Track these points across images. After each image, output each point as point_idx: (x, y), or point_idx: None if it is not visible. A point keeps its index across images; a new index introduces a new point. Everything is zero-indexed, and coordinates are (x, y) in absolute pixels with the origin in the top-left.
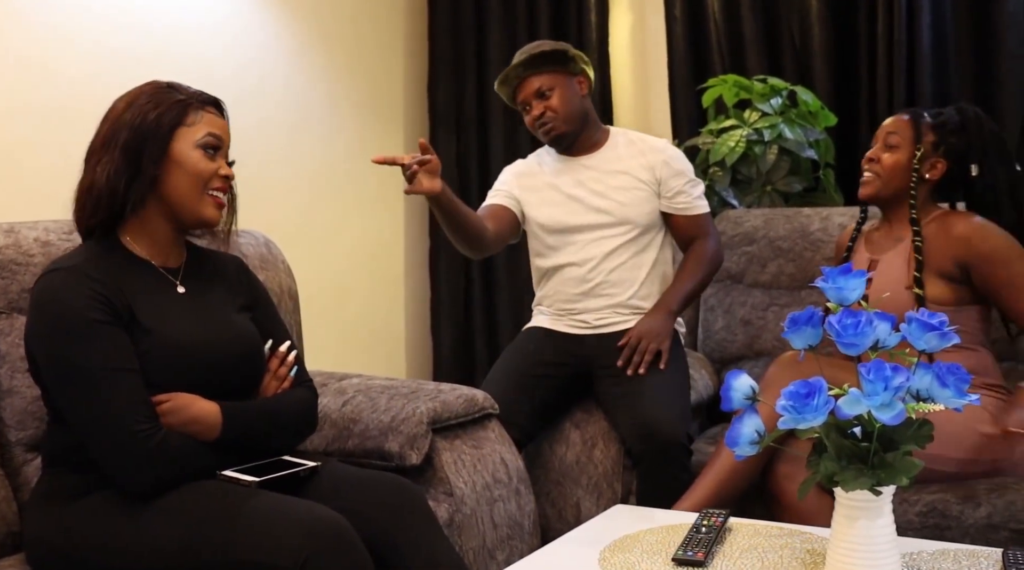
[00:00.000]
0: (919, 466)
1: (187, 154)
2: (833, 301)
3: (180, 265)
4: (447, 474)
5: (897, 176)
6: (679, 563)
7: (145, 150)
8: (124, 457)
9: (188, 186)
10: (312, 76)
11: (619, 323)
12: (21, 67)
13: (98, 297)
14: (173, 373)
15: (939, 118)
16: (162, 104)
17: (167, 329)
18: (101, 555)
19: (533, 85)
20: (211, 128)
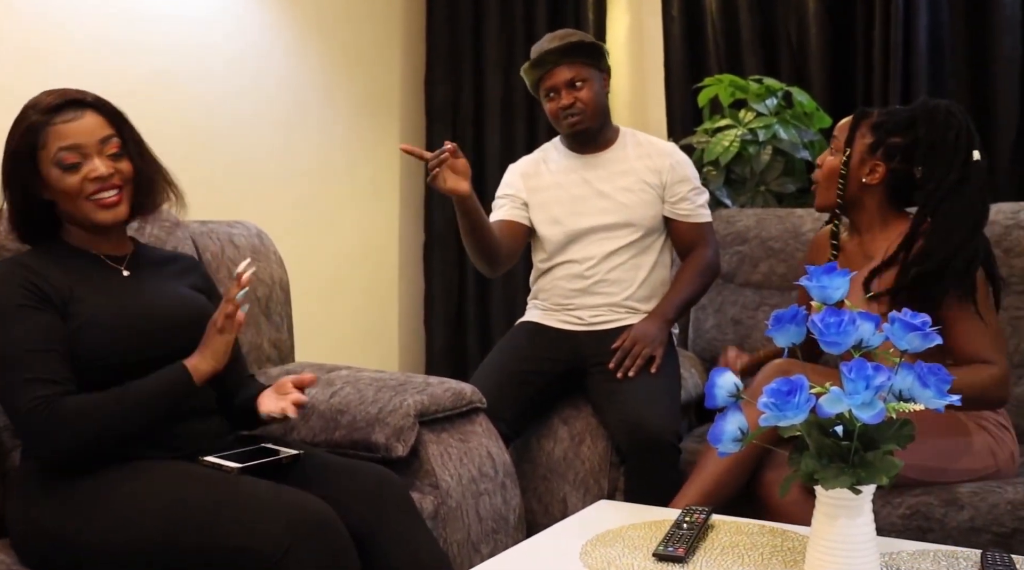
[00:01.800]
0: (899, 465)
1: (51, 175)
2: (817, 300)
3: (125, 254)
4: (433, 467)
5: (833, 181)
6: (660, 558)
7: (25, 181)
8: (27, 431)
9: (68, 202)
10: (309, 70)
11: (613, 321)
12: (17, 59)
13: (26, 285)
14: (119, 342)
15: (884, 117)
16: (16, 135)
17: (109, 305)
18: (82, 540)
19: (566, 74)
20: (60, 141)
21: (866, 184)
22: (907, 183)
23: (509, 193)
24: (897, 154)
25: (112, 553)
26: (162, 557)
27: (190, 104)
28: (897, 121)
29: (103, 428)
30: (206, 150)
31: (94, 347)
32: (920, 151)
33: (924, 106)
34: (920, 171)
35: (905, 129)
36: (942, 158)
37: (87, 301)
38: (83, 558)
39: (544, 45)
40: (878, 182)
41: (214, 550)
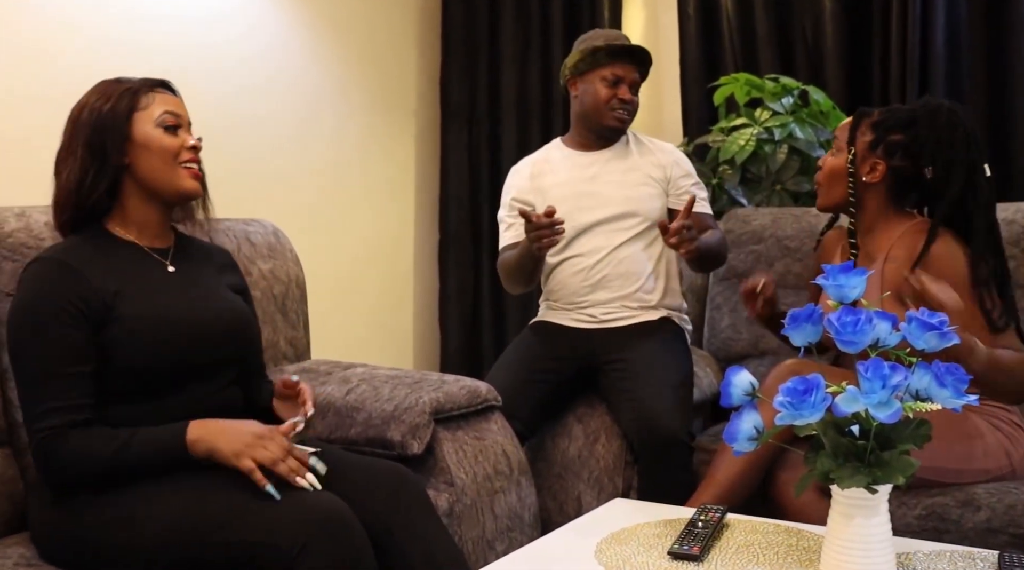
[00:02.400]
0: (916, 465)
1: (148, 135)
2: (833, 299)
3: (169, 246)
4: (448, 464)
5: (835, 182)
6: (675, 557)
7: (108, 141)
8: (32, 454)
9: (159, 164)
10: (324, 67)
11: (626, 318)
12: (33, 57)
13: (65, 291)
14: (163, 349)
15: (883, 115)
16: (113, 96)
17: (156, 307)
18: (102, 536)
19: (634, 75)
20: (166, 106)
21: (867, 182)
22: (910, 181)
23: (516, 197)
24: (897, 151)
25: (131, 549)
26: (180, 553)
27: (206, 102)
28: (897, 119)
29: (100, 474)
30: (222, 148)
31: (135, 354)
32: (927, 150)
33: (926, 105)
34: (931, 171)
35: (905, 126)
36: (950, 156)
37: (132, 304)
38: (102, 554)
39: (621, 40)
40: (879, 180)
41: (232, 546)
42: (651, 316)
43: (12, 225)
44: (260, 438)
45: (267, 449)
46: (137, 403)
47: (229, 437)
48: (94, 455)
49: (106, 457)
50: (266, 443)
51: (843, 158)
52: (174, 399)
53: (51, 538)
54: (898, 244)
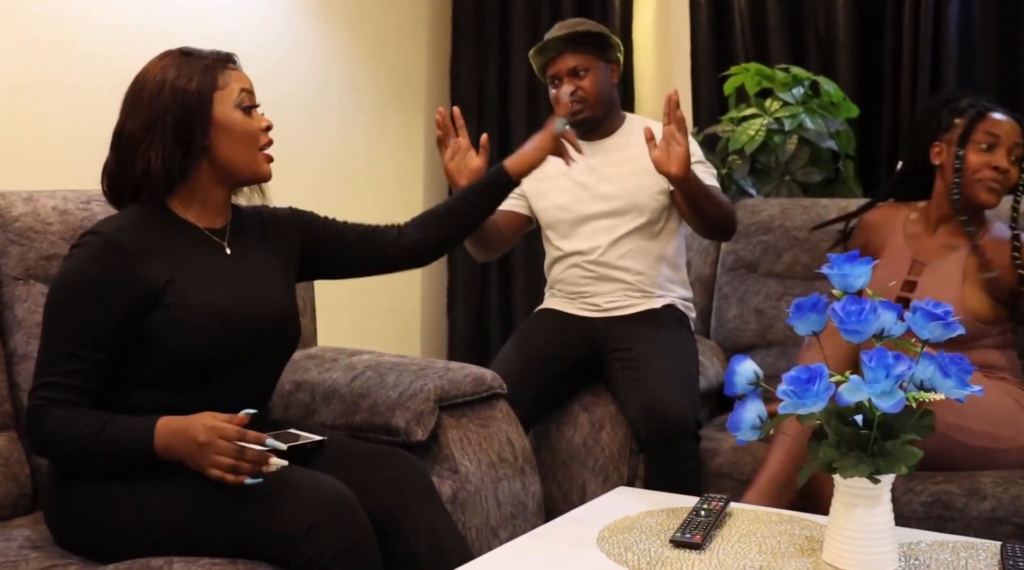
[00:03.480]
0: (919, 455)
1: (229, 117)
2: (838, 288)
3: (226, 225)
4: (452, 451)
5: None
6: (677, 545)
7: (194, 124)
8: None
9: (240, 148)
10: (334, 57)
11: (629, 306)
12: (43, 43)
13: (112, 278)
14: (208, 340)
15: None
16: (194, 73)
17: (208, 297)
18: (111, 519)
19: (569, 62)
20: (243, 84)
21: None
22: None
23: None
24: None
25: (140, 533)
26: (189, 537)
27: None
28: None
29: (73, 455)
30: None
31: (180, 343)
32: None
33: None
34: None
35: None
36: None
37: (185, 293)
38: (112, 536)
39: (552, 33)
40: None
41: (239, 529)
42: (655, 304)
43: (19, 209)
44: (204, 446)
45: (218, 454)
46: (174, 390)
47: (184, 447)
48: (69, 436)
49: (80, 441)
50: (214, 447)
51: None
52: (212, 389)
53: (63, 521)
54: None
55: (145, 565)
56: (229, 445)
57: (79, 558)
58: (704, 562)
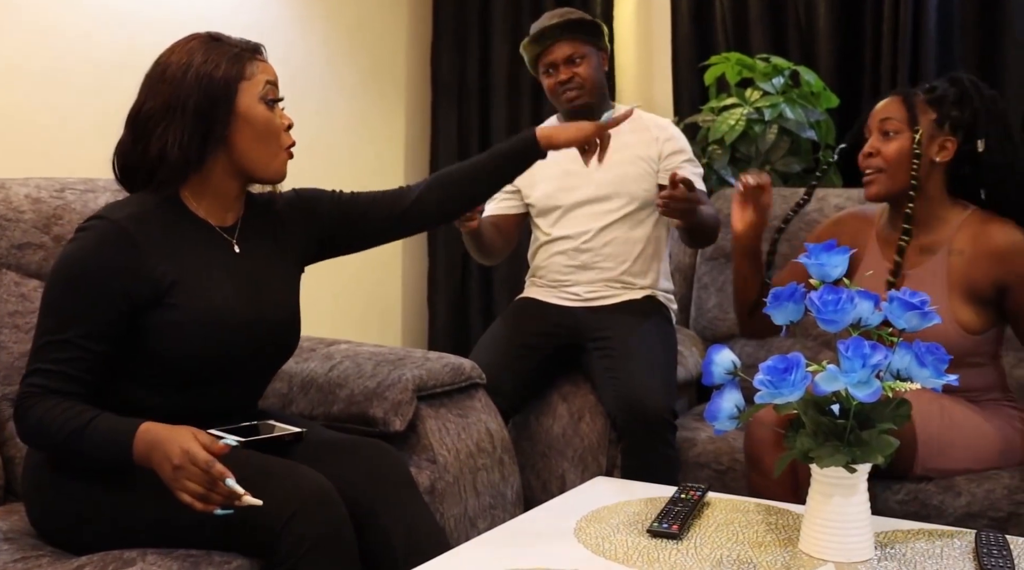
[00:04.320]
0: (895, 445)
1: (253, 110)
2: (815, 277)
3: (237, 221)
4: (431, 441)
5: (903, 165)
6: (654, 535)
7: (216, 112)
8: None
9: (260, 143)
10: (313, 44)
11: (609, 297)
12: (17, 30)
13: (116, 269)
14: (206, 345)
15: (934, 92)
16: (221, 60)
17: (212, 301)
18: (89, 511)
19: (565, 50)
20: (268, 75)
21: (937, 162)
22: (970, 161)
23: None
24: (961, 128)
25: (116, 523)
26: (164, 528)
27: None
28: (950, 94)
29: (55, 448)
30: None
31: (181, 345)
32: (981, 122)
33: (962, 80)
34: (983, 144)
35: (961, 102)
36: (1003, 127)
37: (190, 295)
38: (89, 527)
39: (544, 21)
40: (949, 159)
41: (214, 522)
42: (635, 295)
43: None
44: (177, 470)
45: (190, 480)
46: (168, 390)
47: (158, 461)
48: (52, 428)
49: (62, 435)
50: (187, 474)
51: (906, 138)
52: (206, 391)
53: (41, 512)
54: (960, 235)
55: (118, 557)
56: (200, 474)
57: (51, 550)
58: (681, 552)
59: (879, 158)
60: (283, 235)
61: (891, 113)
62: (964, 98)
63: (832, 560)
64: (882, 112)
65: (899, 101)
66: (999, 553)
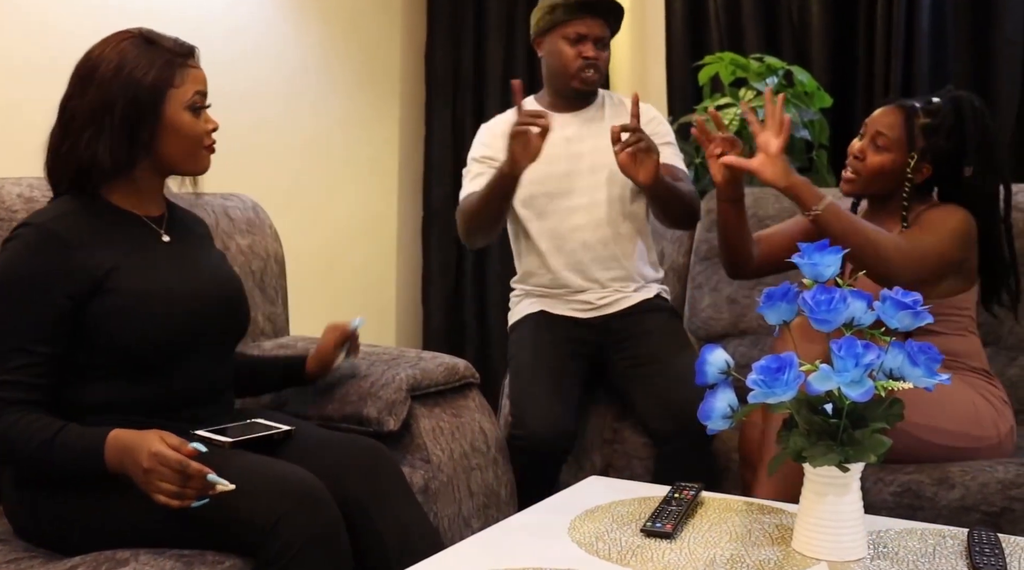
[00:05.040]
0: (888, 444)
1: (179, 118)
2: (808, 277)
3: (163, 214)
4: (425, 441)
5: (880, 180)
6: (647, 534)
7: (143, 120)
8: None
9: (185, 148)
10: (308, 40)
11: (621, 300)
12: (9, 27)
13: (50, 269)
14: (162, 324)
15: (934, 118)
16: (152, 66)
17: (154, 282)
18: (75, 513)
19: (601, 28)
20: (196, 86)
21: (911, 179)
22: (947, 177)
23: (487, 155)
24: (946, 158)
25: (104, 527)
26: (156, 528)
27: None
28: (947, 125)
29: (24, 461)
30: None
31: (132, 330)
32: (971, 152)
33: (963, 108)
34: (970, 170)
35: (952, 132)
36: (992, 158)
37: (129, 279)
38: (76, 531)
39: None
40: (922, 181)
41: (204, 522)
42: (647, 294)
43: None
44: (148, 472)
45: (162, 481)
46: (128, 381)
47: (131, 467)
48: (20, 441)
49: (31, 447)
50: (159, 475)
51: (891, 158)
52: (165, 376)
53: (24, 514)
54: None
55: (111, 557)
56: (172, 473)
57: (44, 551)
58: (674, 551)
59: (862, 164)
60: (204, 238)
61: (888, 130)
62: (958, 127)
63: (825, 559)
64: (881, 123)
65: (901, 120)
66: (991, 551)
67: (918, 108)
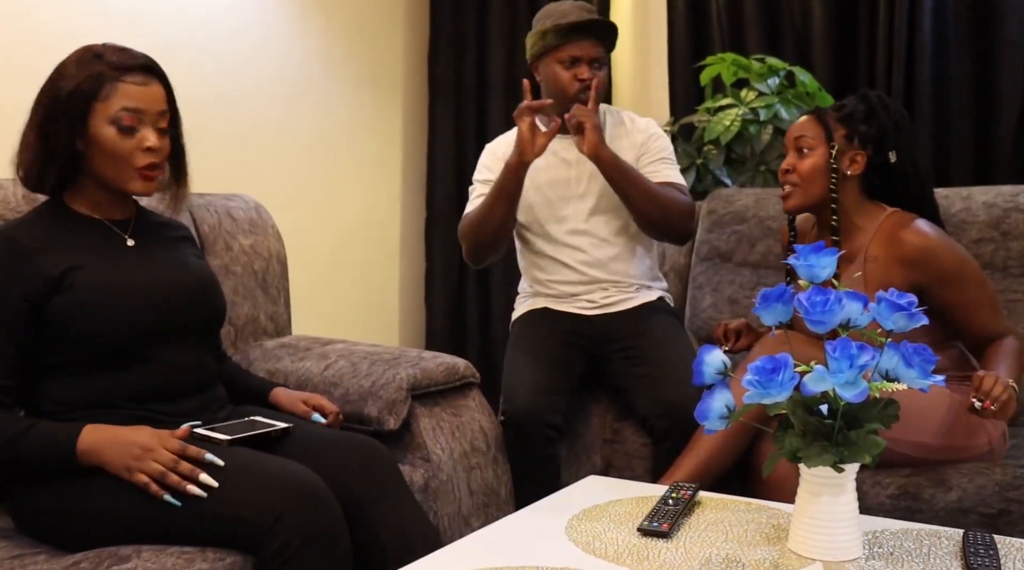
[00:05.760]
0: (882, 445)
1: (101, 132)
2: (804, 279)
3: (129, 218)
4: (425, 440)
5: (817, 180)
6: (644, 533)
7: (59, 129)
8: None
9: (109, 164)
10: (311, 42)
11: (626, 300)
12: (13, 28)
13: (8, 272)
14: (122, 316)
15: (843, 110)
16: (77, 78)
17: (113, 277)
18: (75, 510)
19: (596, 50)
20: (126, 102)
21: (849, 175)
22: (881, 169)
23: (490, 179)
24: (870, 142)
25: (105, 524)
26: (156, 525)
27: (191, 75)
28: (858, 110)
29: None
30: (206, 122)
31: (93, 323)
32: (890, 136)
33: (870, 97)
34: (895, 155)
35: (868, 117)
36: (911, 140)
37: (89, 276)
38: (77, 528)
39: (582, 14)
40: (861, 171)
41: (206, 520)
42: (650, 296)
43: None
44: (147, 450)
45: (156, 461)
46: (104, 374)
47: (117, 451)
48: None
49: (5, 439)
50: (155, 454)
51: (819, 155)
52: (143, 369)
53: (26, 510)
54: (874, 243)
55: (113, 553)
56: (169, 456)
57: (47, 548)
58: (670, 550)
59: (795, 174)
60: (178, 239)
61: (806, 131)
62: (872, 114)
63: (820, 559)
64: (797, 130)
65: (813, 119)
66: (985, 552)
67: (825, 109)
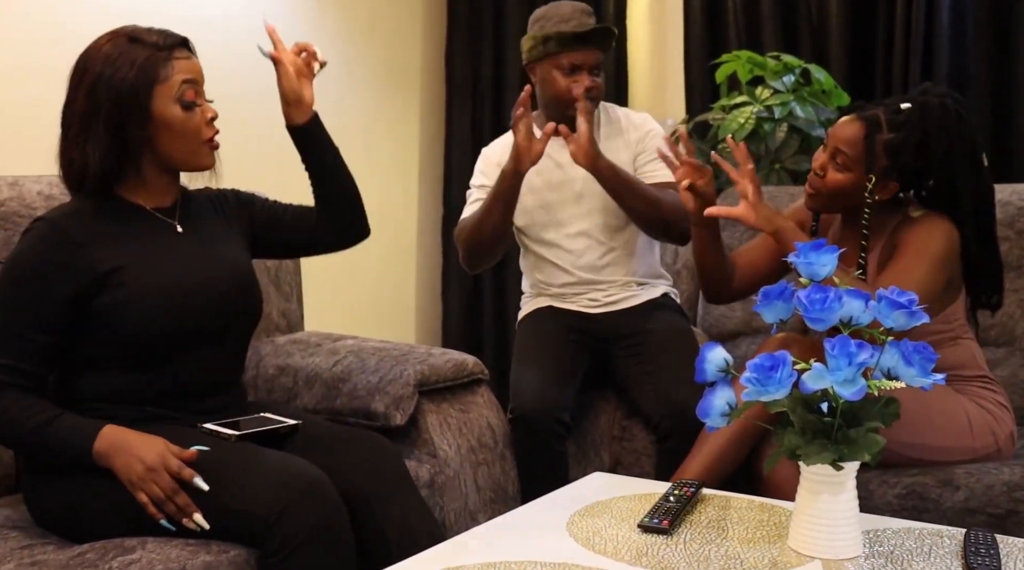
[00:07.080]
0: (882, 443)
1: (168, 113)
2: (804, 276)
3: (175, 203)
4: (432, 436)
5: (841, 198)
6: (644, 530)
7: (128, 121)
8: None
9: (181, 143)
10: (328, 41)
11: (630, 298)
12: (30, 26)
13: (56, 262)
14: (162, 317)
15: (897, 134)
16: (133, 65)
17: (162, 276)
18: (86, 503)
19: (595, 57)
20: (184, 75)
21: (878, 200)
22: (914, 187)
23: (486, 184)
24: (908, 174)
25: (114, 513)
26: None
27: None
28: (909, 139)
29: (18, 444)
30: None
31: (141, 321)
32: (936, 164)
33: (929, 108)
34: (935, 181)
35: (918, 148)
36: (959, 168)
37: (139, 274)
38: (86, 519)
39: (584, 19)
40: (888, 198)
41: (210, 512)
42: (654, 293)
43: (5, 194)
44: (151, 471)
45: (156, 483)
46: (138, 372)
47: (125, 462)
48: (16, 422)
49: (26, 430)
50: (156, 477)
51: (851, 177)
52: (175, 367)
53: (42, 503)
54: (890, 241)
55: (119, 545)
56: (170, 481)
57: (57, 538)
58: (670, 547)
59: (821, 181)
60: (226, 218)
61: (847, 146)
62: (924, 144)
63: (820, 557)
64: (840, 139)
65: (860, 136)
66: (987, 552)
67: (882, 121)
